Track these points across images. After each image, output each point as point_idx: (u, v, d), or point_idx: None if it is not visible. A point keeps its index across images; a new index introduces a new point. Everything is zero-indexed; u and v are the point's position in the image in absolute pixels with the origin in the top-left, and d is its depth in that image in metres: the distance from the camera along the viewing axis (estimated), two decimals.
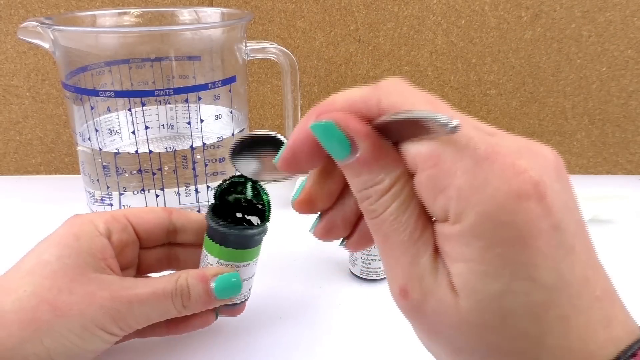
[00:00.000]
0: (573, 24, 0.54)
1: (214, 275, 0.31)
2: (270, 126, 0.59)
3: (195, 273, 0.31)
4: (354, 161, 0.20)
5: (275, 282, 0.41)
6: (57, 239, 0.30)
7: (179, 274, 0.30)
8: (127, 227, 0.32)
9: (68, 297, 0.27)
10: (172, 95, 0.39)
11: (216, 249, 0.31)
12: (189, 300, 0.30)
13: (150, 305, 0.29)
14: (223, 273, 0.31)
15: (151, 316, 0.30)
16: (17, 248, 0.31)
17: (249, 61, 0.46)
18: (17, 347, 0.26)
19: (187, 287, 0.30)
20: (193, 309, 0.30)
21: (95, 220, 0.31)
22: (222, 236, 0.31)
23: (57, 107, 0.58)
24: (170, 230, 0.34)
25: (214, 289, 0.30)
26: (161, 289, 0.29)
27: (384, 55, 0.56)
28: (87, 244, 0.30)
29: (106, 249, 0.30)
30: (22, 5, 0.53)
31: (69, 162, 0.60)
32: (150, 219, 0.33)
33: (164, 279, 0.30)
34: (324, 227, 0.24)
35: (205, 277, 0.30)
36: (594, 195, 0.49)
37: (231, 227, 0.31)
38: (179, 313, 0.30)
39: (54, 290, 0.27)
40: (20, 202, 0.54)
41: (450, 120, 0.17)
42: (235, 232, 0.31)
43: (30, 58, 0.55)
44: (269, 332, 0.35)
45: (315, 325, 0.36)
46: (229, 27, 0.43)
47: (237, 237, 0.31)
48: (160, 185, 0.42)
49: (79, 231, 0.30)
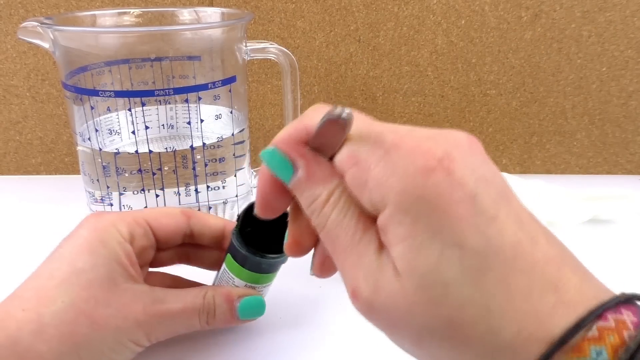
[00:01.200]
0: (573, 24, 0.54)
1: (240, 296, 0.31)
2: (270, 126, 0.59)
3: (221, 292, 0.31)
4: (296, 180, 0.22)
5: (276, 282, 0.41)
6: (86, 244, 0.29)
7: (206, 290, 0.31)
8: (147, 232, 0.32)
9: (105, 310, 0.28)
10: (172, 95, 0.39)
11: (241, 270, 0.32)
12: (213, 318, 0.31)
13: (179, 320, 0.30)
14: (249, 295, 0.32)
15: (178, 330, 0.30)
16: (17, 248, 0.31)
17: (249, 61, 0.46)
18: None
19: (213, 305, 0.30)
20: (215, 326, 0.31)
21: (118, 224, 0.31)
22: (253, 262, 0.31)
23: (57, 107, 0.57)
24: (187, 234, 0.34)
25: (238, 309, 0.31)
26: (191, 304, 0.30)
27: (384, 55, 0.56)
28: (115, 251, 0.29)
29: (131, 256, 0.30)
30: (22, 5, 0.53)
31: (69, 162, 0.60)
32: (170, 223, 0.33)
33: (192, 293, 0.30)
34: (318, 262, 0.25)
35: (231, 298, 0.31)
36: (594, 195, 0.49)
37: (263, 255, 0.31)
38: (202, 328, 0.31)
39: (91, 302, 0.27)
40: (20, 202, 0.54)
41: (342, 109, 0.20)
42: (268, 260, 0.31)
43: (30, 58, 0.55)
44: (269, 332, 0.35)
45: (315, 325, 0.36)
46: (229, 27, 0.43)
47: (268, 264, 0.32)
48: (160, 185, 0.42)
49: (105, 236, 0.30)
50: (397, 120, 0.59)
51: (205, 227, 0.34)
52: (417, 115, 0.59)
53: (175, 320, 0.30)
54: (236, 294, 0.31)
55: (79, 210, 0.46)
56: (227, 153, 0.44)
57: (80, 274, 0.28)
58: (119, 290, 0.28)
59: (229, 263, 0.32)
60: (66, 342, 0.26)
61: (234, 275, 0.32)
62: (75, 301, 0.27)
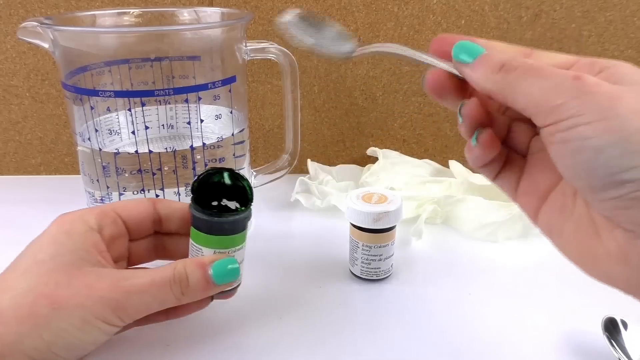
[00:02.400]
0: (573, 24, 0.54)
1: (212, 261, 0.31)
2: (270, 126, 0.59)
3: (192, 260, 0.31)
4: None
5: (276, 282, 0.41)
6: (50, 237, 0.30)
7: (176, 262, 0.31)
8: (116, 220, 0.33)
9: (66, 290, 0.28)
10: (172, 95, 0.39)
11: (207, 238, 0.32)
12: (187, 287, 0.30)
13: (149, 294, 0.29)
14: (220, 259, 0.31)
15: (150, 305, 0.30)
16: (17, 248, 0.31)
17: (249, 61, 0.46)
18: (16, 342, 0.26)
19: (185, 274, 0.30)
20: (192, 296, 0.31)
21: (85, 216, 0.31)
22: (215, 225, 0.31)
23: (56, 107, 0.57)
24: (156, 220, 0.34)
25: (212, 275, 0.31)
26: (159, 277, 0.30)
27: (384, 55, 0.56)
28: (81, 240, 0.30)
29: (99, 244, 0.31)
30: (21, 5, 0.53)
31: (68, 162, 0.60)
32: (138, 210, 0.34)
33: (162, 268, 0.30)
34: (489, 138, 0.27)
35: (203, 264, 0.31)
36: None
37: (222, 214, 0.31)
38: (178, 301, 0.30)
39: (51, 284, 0.28)
40: (20, 202, 0.54)
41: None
42: (228, 218, 0.31)
43: (30, 58, 0.55)
44: (269, 332, 0.35)
45: (315, 325, 0.36)
46: (229, 27, 0.43)
47: (230, 223, 0.31)
48: (160, 185, 0.42)
49: (70, 228, 0.30)
50: (397, 120, 0.59)
51: (170, 210, 0.34)
52: (417, 115, 0.59)
53: (145, 295, 0.29)
54: (208, 260, 0.31)
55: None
56: (227, 153, 0.44)
57: (41, 264, 0.28)
58: (82, 273, 0.29)
59: (193, 235, 0.32)
60: (25, 323, 0.27)
61: (201, 246, 0.32)
62: (34, 285, 0.28)
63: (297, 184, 0.53)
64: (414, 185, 0.53)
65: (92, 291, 0.28)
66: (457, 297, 0.39)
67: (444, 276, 0.42)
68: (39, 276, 0.28)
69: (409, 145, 0.60)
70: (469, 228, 0.48)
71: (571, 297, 0.38)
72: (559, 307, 0.38)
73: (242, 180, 0.32)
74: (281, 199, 0.54)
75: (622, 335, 0.33)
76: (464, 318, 0.37)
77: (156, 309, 0.30)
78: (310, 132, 0.60)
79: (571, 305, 0.38)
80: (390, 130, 0.60)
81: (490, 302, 0.38)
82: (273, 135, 0.60)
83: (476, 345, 0.34)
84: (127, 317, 0.29)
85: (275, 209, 0.53)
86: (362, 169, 0.58)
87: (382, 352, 0.34)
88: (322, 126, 0.60)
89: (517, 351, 0.34)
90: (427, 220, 0.49)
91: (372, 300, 0.39)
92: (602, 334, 0.33)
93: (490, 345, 0.34)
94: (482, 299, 0.39)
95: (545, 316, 0.37)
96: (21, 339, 0.26)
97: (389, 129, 0.60)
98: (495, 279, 0.41)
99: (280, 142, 0.60)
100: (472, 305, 0.38)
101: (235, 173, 0.32)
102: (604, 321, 0.33)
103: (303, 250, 0.45)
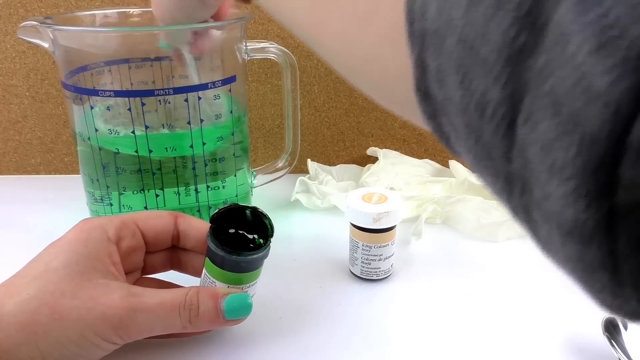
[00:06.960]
0: None
1: (225, 295, 0.30)
2: (270, 126, 0.59)
3: (206, 289, 0.30)
4: None
5: (275, 282, 0.41)
6: (66, 245, 0.29)
7: (189, 288, 0.30)
8: (135, 233, 0.32)
9: (70, 301, 0.27)
10: (172, 95, 0.39)
11: (221, 273, 0.31)
12: (197, 316, 0.29)
13: (156, 316, 0.28)
14: (234, 294, 0.31)
15: (154, 327, 0.29)
16: (16, 248, 0.31)
17: (249, 61, 0.46)
18: (13, 349, 0.26)
19: (197, 302, 0.29)
20: (199, 326, 0.30)
21: (106, 226, 0.31)
22: (231, 262, 0.31)
23: (56, 107, 0.57)
24: (174, 235, 0.34)
25: (224, 309, 0.30)
26: (170, 300, 0.29)
27: None
28: (96, 250, 0.29)
29: (114, 255, 0.30)
30: (21, 5, 0.53)
31: (68, 162, 0.60)
32: (158, 224, 0.33)
33: (174, 290, 0.30)
34: None
35: (217, 295, 0.30)
36: None
37: (240, 253, 0.31)
38: (184, 328, 0.29)
39: (56, 293, 0.27)
40: (20, 202, 0.54)
41: None
42: (246, 258, 0.31)
43: (30, 58, 0.55)
44: (269, 332, 0.35)
45: (315, 325, 0.36)
46: (229, 27, 0.42)
47: (247, 262, 0.31)
48: (160, 185, 0.42)
49: (88, 237, 0.30)
50: (397, 120, 0.59)
51: (189, 227, 0.34)
52: None
53: (151, 316, 0.28)
54: (221, 292, 0.31)
55: (78, 210, 0.46)
56: (227, 153, 0.44)
57: (52, 272, 0.28)
58: (91, 285, 0.28)
59: (208, 267, 0.32)
60: (24, 330, 0.26)
61: (215, 279, 0.32)
62: (40, 293, 0.27)
63: (297, 184, 0.53)
64: (414, 185, 0.53)
65: (96, 305, 0.27)
66: (457, 297, 0.39)
67: (444, 276, 0.42)
68: (47, 284, 0.27)
69: (409, 145, 0.60)
70: (469, 228, 0.48)
71: (571, 297, 0.38)
72: (559, 307, 0.38)
73: (265, 218, 0.33)
74: (281, 198, 0.54)
75: (622, 336, 0.33)
76: (464, 318, 0.37)
77: (159, 332, 0.29)
78: (310, 131, 0.60)
79: (571, 306, 0.38)
80: (391, 130, 0.60)
81: (490, 302, 0.38)
82: (273, 135, 0.60)
83: (476, 345, 0.34)
84: (128, 336, 0.28)
85: (275, 209, 0.53)
86: (362, 168, 0.58)
87: (382, 352, 0.34)
88: (322, 126, 0.59)
89: (517, 351, 0.34)
90: (427, 220, 0.49)
91: (372, 300, 0.39)
92: (603, 334, 0.33)
93: (490, 346, 0.34)
94: (482, 299, 0.39)
95: (546, 316, 0.37)
96: (19, 346, 0.26)
97: (389, 129, 0.60)
98: (495, 279, 0.41)
99: (280, 142, 0.60)
100: (472, 305, 0.38)
101: (259, 211, 0.32)
102: (604, 321, 0.33)
103: (303, 250, 0.45)
